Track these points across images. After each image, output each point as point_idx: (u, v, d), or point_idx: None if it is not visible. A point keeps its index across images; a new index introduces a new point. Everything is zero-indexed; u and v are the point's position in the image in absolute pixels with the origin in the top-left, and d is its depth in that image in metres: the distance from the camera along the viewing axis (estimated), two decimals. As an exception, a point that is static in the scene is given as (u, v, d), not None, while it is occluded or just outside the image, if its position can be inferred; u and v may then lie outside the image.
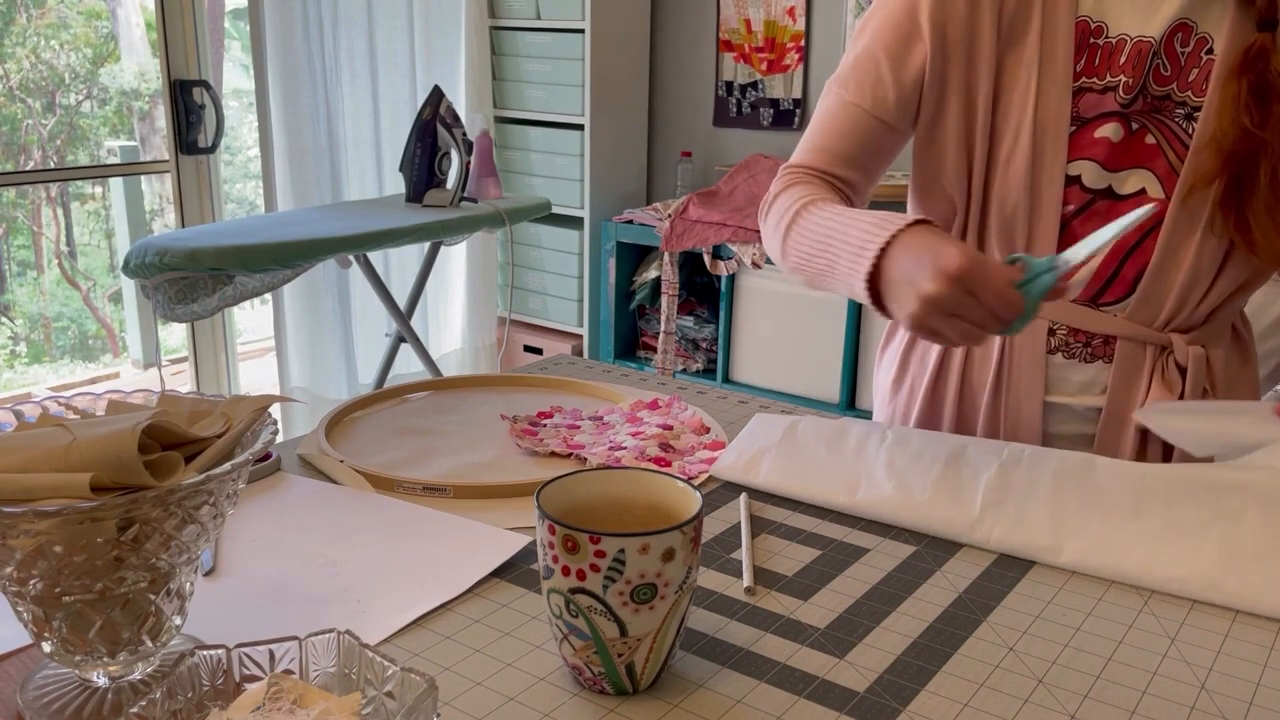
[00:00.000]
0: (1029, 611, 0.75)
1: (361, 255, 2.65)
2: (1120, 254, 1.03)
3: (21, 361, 3.85)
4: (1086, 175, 1.02)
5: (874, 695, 0.65)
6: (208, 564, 0.79)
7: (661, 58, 3.65)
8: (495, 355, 3.67)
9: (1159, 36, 0.99)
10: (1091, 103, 1.02)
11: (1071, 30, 1.01)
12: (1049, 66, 1.01)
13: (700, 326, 3.35)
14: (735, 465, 0.98)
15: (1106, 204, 1.02)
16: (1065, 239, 1.03)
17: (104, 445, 0.58)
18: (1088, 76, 1.02)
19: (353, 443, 1.04)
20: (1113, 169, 1.02)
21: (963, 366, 1.12)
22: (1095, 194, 1.03)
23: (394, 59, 3.30)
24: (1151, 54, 0.99)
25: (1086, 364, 1.07)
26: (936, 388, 1.14)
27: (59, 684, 0.63)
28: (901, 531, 0.88)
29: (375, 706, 0.54)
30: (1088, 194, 1.03)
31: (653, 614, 0.62)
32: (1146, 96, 1.01)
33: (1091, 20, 1.01)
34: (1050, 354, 1.08)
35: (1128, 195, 1.02)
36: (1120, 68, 1.00)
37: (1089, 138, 1.02)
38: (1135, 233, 1.02)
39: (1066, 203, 1.03)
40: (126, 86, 3.88)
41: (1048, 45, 1.01)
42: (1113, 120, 1.01)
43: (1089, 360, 1.06)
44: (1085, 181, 1.02)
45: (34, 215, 3.89)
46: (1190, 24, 0.99)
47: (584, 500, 0.69)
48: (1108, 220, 0.98)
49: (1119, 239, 0.95)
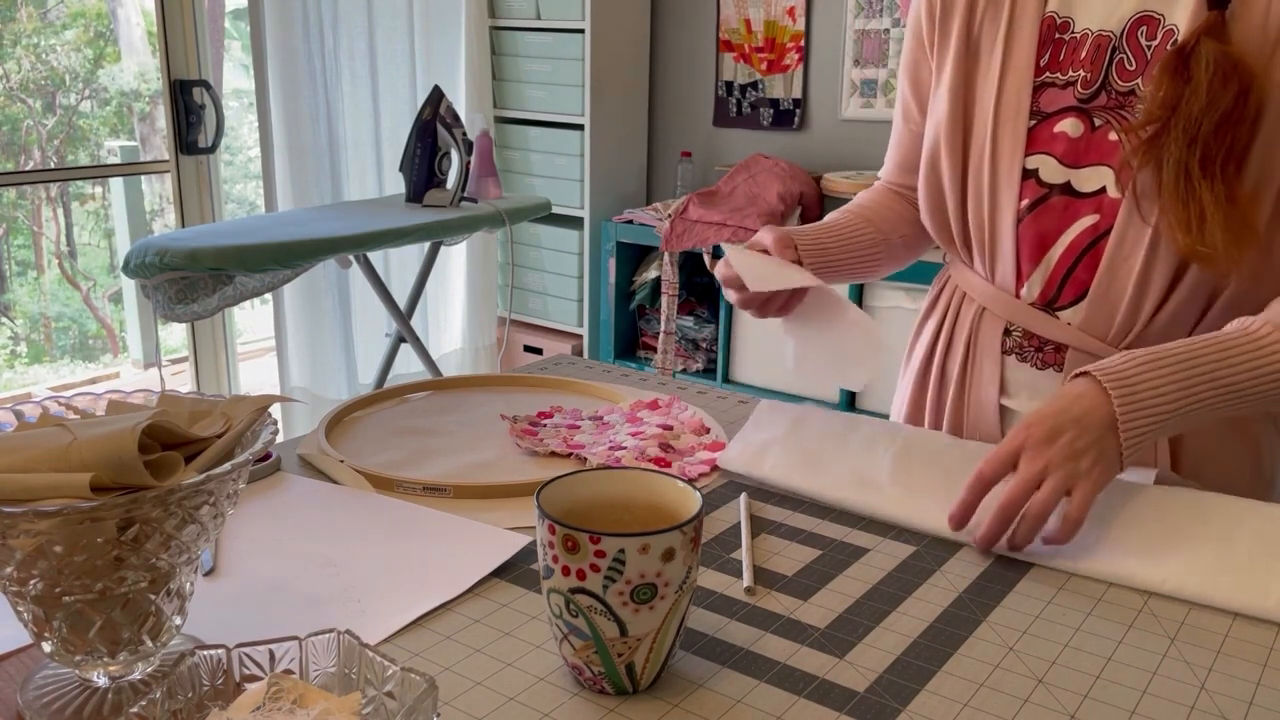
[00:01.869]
0: (1029, 611, 0.75)
1: (361, 255, 2.65)
2: (1075, 255, 1.01)
3: (22, 361, 3.85)
4: (1044, 170, 1.01)
5: (874, 695, 0.65)
6: (208, 564, 0.79)
7: (661, 58, 3.65)
8: (495, 355, 3.67)
9: (1119, 30, 0.98)
10: (1052, 97, 1.01)
11: (1037, 25, 1.01)
12: (1012, 59, 1.02)
13: (700, 326, 3.35)
14: (741, 457, 0.98)
15: (1064, 200, 1.00)
16: (1021, 232, 1.03)
17: (104, 445, 0.58)
18: (1050, 71, 1.01)
19: (353, 443, 1.04)
20: (1072, 164, 1.00)
21: (943, 359, 1.14)
22: (1051, 188, 1.01)
23: (394, 59, 3.30)
24: (1111, 48, 0.98)
25: (1039, 370, 1.06)
26: (922, 380, 1.17)
27: (59, 684, 0.63)
28: (901, 531, 0.88)
29: (375, 706, 0.54)
30: (1043, 188, 1.01)
31: (653, 614, 0.62)
32: (1110, 92, 0.99)
33: (1058, 16, 1.01)
34: (1005, 354, 1.08)
35: (1089, 193, 0.99)
36: (1080, 62, 1.00)
37: (1048, 132, 1.01)
38: (1090, 232, 0.99)
39: (1022, 197, 1.02)
40: (126, 86, 3.88)
41: (1012, 39, 1.02)
42: (1071, 115, 1.00)
43: (1041, 367, 1.05)
44: (1042, 175, 1.01)
45: (34, 215, 3.89)
46: (1155, 16, 0.97)
47: (584, 500, 0.69)
48: (1064, 217, 1.00)
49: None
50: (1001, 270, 1.05)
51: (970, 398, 1.10)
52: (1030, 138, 1.02)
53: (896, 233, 1.19)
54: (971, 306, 1.11)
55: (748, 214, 3.01)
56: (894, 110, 1.20)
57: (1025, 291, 1.04)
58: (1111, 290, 0.99)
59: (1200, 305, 0.98)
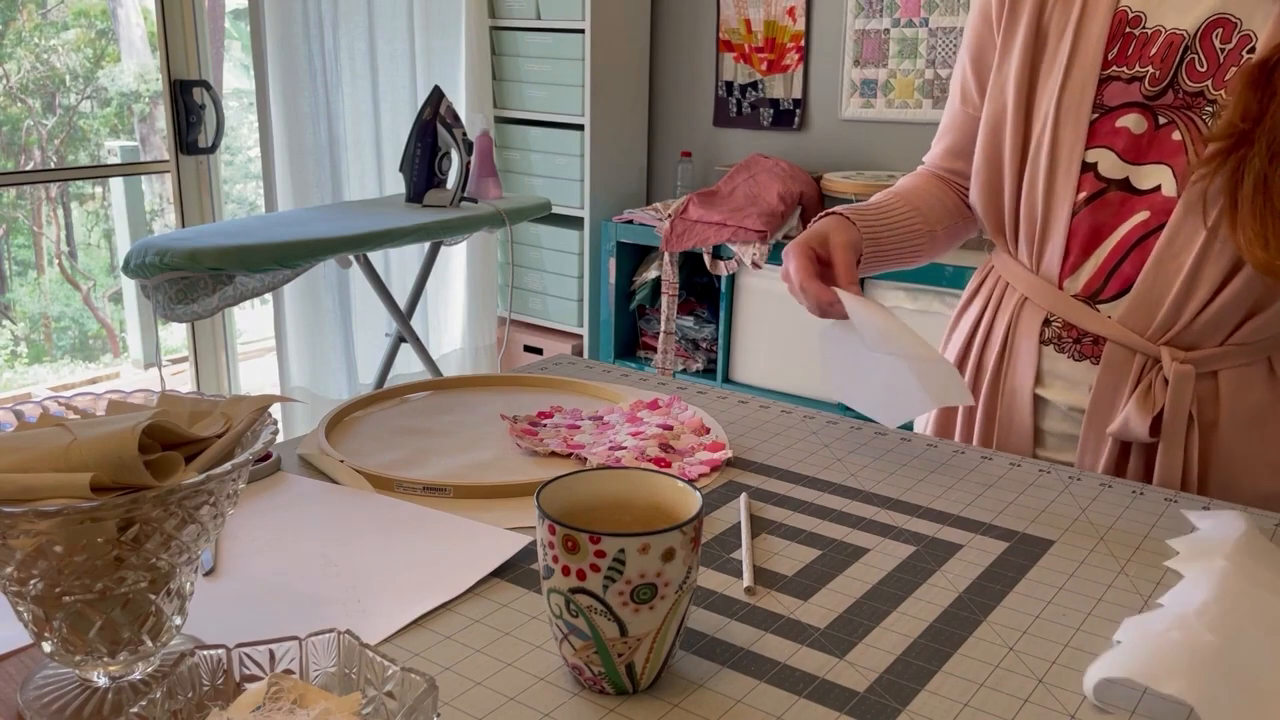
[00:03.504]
0: (1029, 611, 0.75)
1: (361, 255, 2.65)
2: (1123, 250, 1.01)
3: (22, 361, 3.85)
4: (1103, 164, 1.02)
5: (874, 695, 0.65)
6: (208, 564, 0.79)
7: (661, 58, 3.65)
8: (495, 355, 3.67)
9: (1193, 30, 0.97)
10: (1117, 91, 1.01)
11: (1109, 18, 1.01)
12: (1080, 51, 1.02)
13: (700, 326, 3.35)
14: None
15: (1120, 195, 1.01)
16: (1075, 225, 1.03)
17: (104, 445, 0.58)
18: (1118, 65, 1.01)
19: (353, 443, 1.04)
20: (1132, 161, 1.00)
21: (981, 347, 1.14)
22: (1110, 183, 1.01)
23: (394, 59, 3.30)
24: (1184, 47, 0.98)
25: (1076, 361, 1.06)
26: (959, 368, 1.16)
27: (59, 684, 0.63)
28: (901, 531, 0.88)
29: (375, 706, 0.54)
30: (1102, 182, 1.02)
31: (653, 614, 0.62)
32: (1178, 91, 0.98)
33: (1130, 10, 1.01)
34: (1043, 344, 1.08)
35: (1146, 190, 1.00)
36: (1150, 59, 0.99)
37: (1110, 126, 1.01)
38: (1140, 229, 1.00)
39: (1080, 189, 1.02)
40: (126, 87, 3.88)
41: (1083, 29, 1.02)
42: (1134, 111, 1.00)
43: (1078, 358, 1.06)
44: (1101, 170, 1.02)
45: (34, 215, 3.89)
46: (1232, 20, 0.96)
47: (584, 500, 0.69)
48: (1120, 212, 1.01)
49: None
50: (1048, 260, 1.06)
51: (1005, 385, 1.11)
52: (1092, 131, 1.02)
53: (941, 224, 1.18)
54: (1014, 296, 1.11)
55: (748, 214, 3.01)
56: (951, 92, 1.19)
57: (1070, 283, 1.05)
58: (1156, 287, 0.99)
59: (1245, 309, 0.98)
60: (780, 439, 1.08)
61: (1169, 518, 0.91)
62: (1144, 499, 0.95)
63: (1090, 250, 1.03)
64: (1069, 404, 1.07)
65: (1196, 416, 1.02)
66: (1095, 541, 0.87)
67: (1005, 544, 0.86)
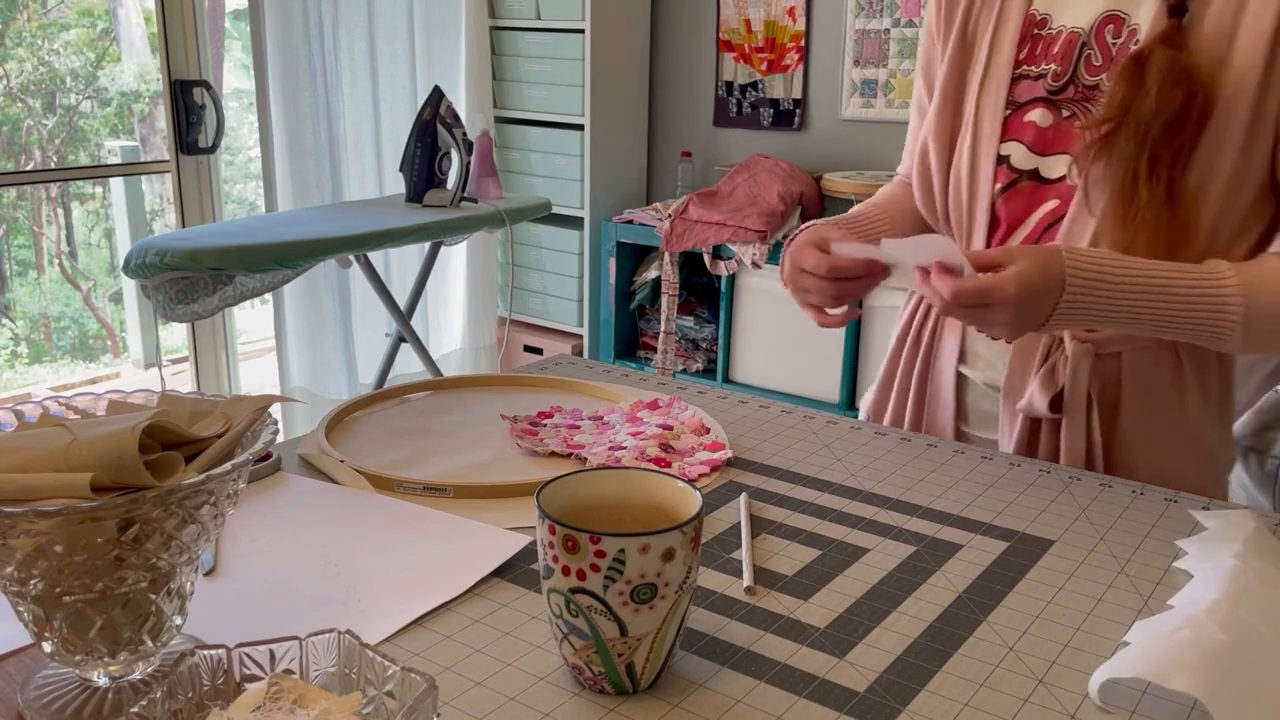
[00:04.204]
0: (1029, 611, 0.75)
1: (361, 255, 2.65)
2: (1036, 236, 1.07)
3: (22, 361, 3.85)
4: (1015, 156, 1.08)
5: (874, 695, 0.65)
6: (208, 564, 0.79)
7: (661, 58, 3.65)
8: (495, 355, 3.67)
9: (1088, 27, 1.05)
10: (1026, 89, 1.08)
11: (1020, 20, 1.09)
12: (996, 52, 1.10)
13: (700, 326, 3.35)
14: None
15: (1032, 185, 1.07)
16: (996, 213, 1.10)
17: (104, 445, 0.58)
18: (1027, 64, 1.08)
19: (353, 443, 1.04)
20: (1039, 152, 1.07)
21: (918, 331, 1.21)
22: (1021, 174, 1.08)
23: (394, 59, 3.29)
24: (1081, 44, 1.05)
25: (994, 340, 1.13)
26: (898, 351, 1.24)
27: (59, 684, 0.63)
28: (901, 531, 0.88)
29: (375, 706, 0.54)
30: (1014, 173, 1.08)
31: (653, 614, 0.62)
32: (1078, 85, 1.05)
33: (1039, 13, 1.09)
34: (968, 326, 1.14)
35: (1054, 180, 1.06)
36: (1053, 56, 1.06)
37: (1020, 121, 1.08)
38: (1051, 216, 1.06)
39: (996, 180, 1.09)
40: (126, 87, 3.88)
41: (999, 33, 1.10)
42: (1041, 105, 1.07)
43: (995, 337, 1.12)
44: (1014, 161, 1.08)
45: (34, 215, 3.89)
46: (1121, 16, 1.03)
47: (584, 500, 0.69)
48: (1032, 200, 1.08)
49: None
50: (974, 246, 1.12)
51: (934, 366, 1.19)
52: (1005, 125, 1.09)
53: (914, 228, 1.24)
54: None
55: (748, 214, 3.01)
56: (911, 107, 1.24)
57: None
58: None
59: None
60: (780, 439, 1.08)
61: (1169, 518, 0.91)
62: (1144, 499, 0.95)
63: (1008, 236, 1.09)
64: (987, 381, 1.14)
65: (1097, 396, 1.07)
66: (1095, 541, 0.87)
67: (1005, 544, 0.86)
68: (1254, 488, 1.56)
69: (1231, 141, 0.96)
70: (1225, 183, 0.97)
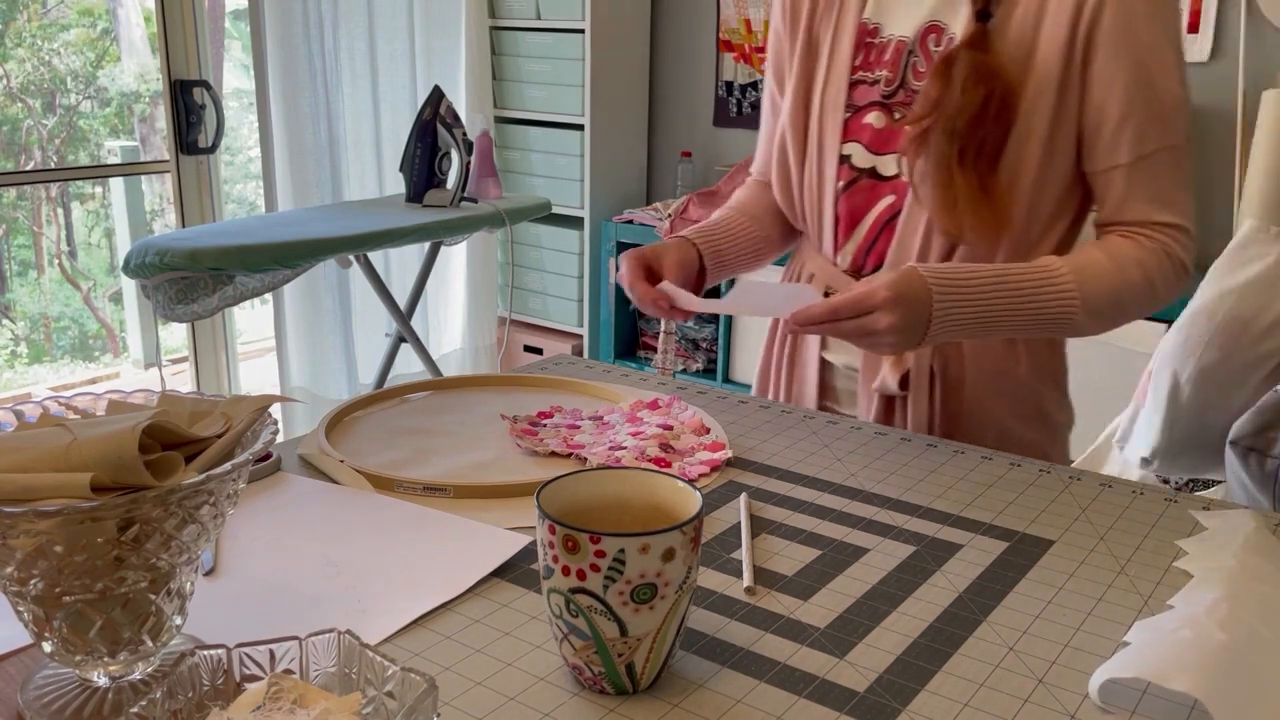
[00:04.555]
0: (1029, 611, 0.75)
1: (361, 255, 2.65)
2: (876, 230, 1.16)
3: (22, 361, 3.85)
4: (855, 156, 1.17)
5: (874, 695, 0.65)
6: (208, 564, 0.79)
7: (661, 58, 3.65)
8: (495, 355, 3.67)
9: (913, 36, 1.13)
10: (863, 93, 1.16)
11: (854, 31, 1.17)
12: (835, 59, 1.18)
13: (700, 326, 3.35)
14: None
15: (870, 183, 1.16)
16: (840, 210, 1.18)
17: (104, 445, 0.58)
18: (863, 70, 1.16)
19: (353, 443, 1.04)
20: (876, 151, 1.15)
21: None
22: (861, 172, 1.16)
23: (394, 59, 3.29)
24: (908, 52, 1.13)
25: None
26: (771, 341, 1.34)
27: (59, 684, 0.63)
28: (901, 531, 0.88)
29: (375, 706, 0.54)
30: (855, 172, 1.17)
31: (653, 614, 0.62)
32: (907, 90, 1.13)
33: (870, 23, 1.17)
34: None
35: (889, 177, 1.14)
36: (885, 63, 1.15)
37: (859, 123, 1.16)
38: (888, 211, 1.14)
39: (840, 179, 1.18)
40: (126, 87, 3.88)
41: (837, 41, 1.18)
42: (876, 109, 1.15)
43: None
44: (854, 161, 1.17)
45: (34, 215, 3.89)
46: (940, 25, 1.12)
47: (584, 500, 0.69)
48: (871, 196, 1.16)
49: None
50: (825, 241, 1.21)
51: (800, 354, 1.29)
52: (846, 127, 1.17)
53: (775, 227, 1.32)
54: (806, 273, 1.27)
55: (748, 214, 3.01)
56: (763, 108, 1.32)
57: (840, 259, 1.20)
58: (900, 260, 1.13)
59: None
60: (780, 439, 1.08)
61: (1169, 518, 0.91)
62: (1144, 499, 0.95)
63: (851, 231, 1.18)
64: (845, 364, 1.23)
65: (940, 373, 1.16)
66: (1095, 541, 0.87)
67: (1005, 544, 0.86)
68: (1254, 488, 1.56)
69: (1037, 137, 1.06)
70: (1034, 174, 1.07)
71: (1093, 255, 1.07)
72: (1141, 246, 1.07)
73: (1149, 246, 1.07)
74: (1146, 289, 1.06)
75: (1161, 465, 1.84)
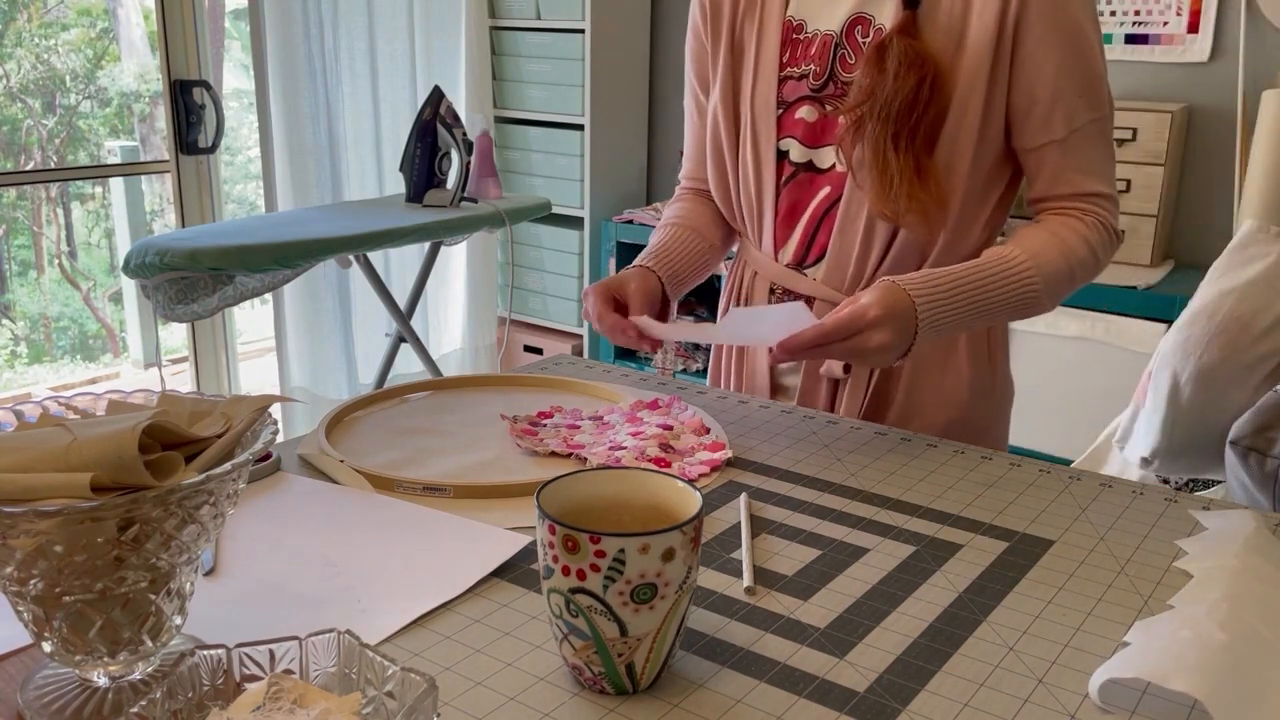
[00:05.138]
0: (1029, 611, 0.75)
1: (361, 255, 2.65)
2: (815, 222, 1.18)
3: (22, 361, 3.85)
4: (793, 151, 1.18)
5: (874, 695, 0.65)
6: (208, 564, 0.79)
7: (661, 57, 3.65)
8: (495, 355, 3.67)
9: (839, 29, 1.15)
10: (792, 88, 1.17)
11: (779, 28, 1.18)
12: (762, 57, 1.19)
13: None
14: None
15: (808, 176, 1.18)
16: (780, 205, 1.20)
17: (104, 445, 0.58)
18: (790, 66, 1.18)
19: (353, 443, 1.04)
20: (811, 145, 1.17)
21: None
22: (799, 167, 1.18)
23: (394, 59, 3.29)
24: (835, 45, 1.15)
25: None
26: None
27: (59, 684, 0.63)
28: (901, 531, 0.88)
29: (375, 706, 0.54)
30: (793, 166, 1.19)
31: (653, 614, 0.62)
32: (836, 83, 1.15)
33: (794, 19, 1.18)
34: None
35: (825, 169, 1.17)
36: (811, 58, 1.16)
37: (792, 118, 1.18)
38: (826, 202, 1.17)
39: (779, 175, 1.19)
40: (126, 87, 3.88)
41: (763, 39, 1.19)
42: (807, 103, 1.17)
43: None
44: (791, 156, 1.19)
45: (34, 215, 3.89)
46: (867, 17, 1.14)
47: (584, 500, 0.69)
48: (809, 190, 1.18)
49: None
50: (765, 238, 1.23)
51: (748, 351, 1.30)
52: (779, 123, 1.18)
53: (717, 234, 1.32)
54: (749, 271, 1.28)
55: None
56: (686, 112, 1.32)
57: (782, 254, 1.22)
58: (843, 249, 1.17)
59: (916, 260, 1.16)
60: (780, 439, 1.08)
61: (1169, 518, 0.91)
62: (1144, 499, 0.95)
63: (792, 225, 1.20)
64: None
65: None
66: (1095, 541, 0.87)
67: (1005, 544, 0.86)
68: (1254, 488, 1.56)
69: (971, 118, 1.09)
70: (970, 155, 1.10)
71: (1042, 239, 1.11)
72: (1082, 222, 1.12)
73: (1088, 221, 1.12)
74: (1092, 261, 1.13)
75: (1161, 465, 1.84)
